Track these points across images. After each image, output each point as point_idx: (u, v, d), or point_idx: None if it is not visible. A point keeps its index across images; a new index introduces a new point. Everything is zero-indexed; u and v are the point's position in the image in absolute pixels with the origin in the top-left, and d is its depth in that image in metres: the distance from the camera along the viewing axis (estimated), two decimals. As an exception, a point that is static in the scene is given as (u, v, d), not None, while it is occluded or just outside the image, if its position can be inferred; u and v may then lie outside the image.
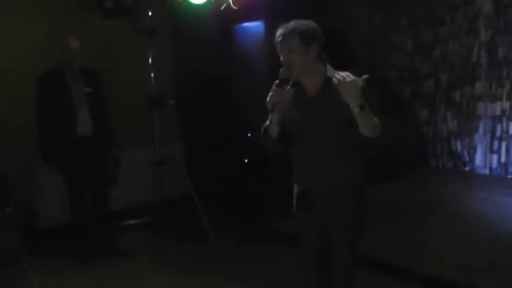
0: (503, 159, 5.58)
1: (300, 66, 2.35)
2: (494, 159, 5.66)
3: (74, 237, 4.33)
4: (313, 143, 2.40)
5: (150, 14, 4.80)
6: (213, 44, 5.30)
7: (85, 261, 4.23)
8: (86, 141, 4.10)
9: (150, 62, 4.86)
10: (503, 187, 5.22)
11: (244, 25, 5.30)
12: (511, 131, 5.48)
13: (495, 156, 5.65)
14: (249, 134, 5.15)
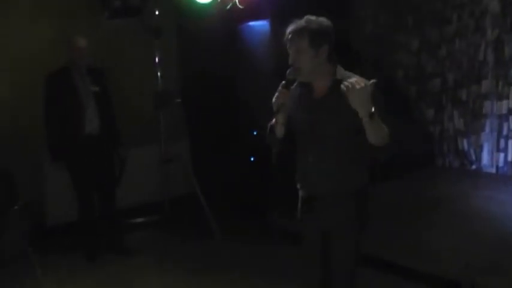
0: (509, 158, 5.57)
1: (309, 68, 2.27)
2: (501, 158, 5.65)
3: (81, 235, 4.36)
4: (317, 145, 2.33)
5: (156, 13, 4.82)
6: (219, 43, 5.32)
7: (91, 259, 4.26)
8: (93, 140, 4.13)
9: (157, 61, 4.88)
10: (509, 186, 5.20)
11: (250, 24, 5.32)
12: (518, 130, 5.47)
13: (502, 154, 5.64)
14: (254, 133, 5.17)
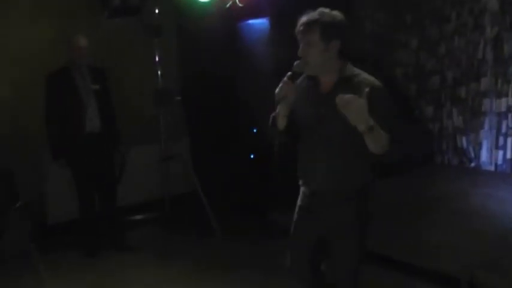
0: (508, 155, 5.59)
1: (317, 62, 2.22)
2: (500, 156, 5.66)
3: (81, 233, 4.38)
4: (321, 140, 2.28)
5: (156, 12, 4.82)
6: (219, 42, 5.33)
7: (92, 256, 4.29)
8: (94, 138, 4.14)
9: (157, 60, 4.89)
10: (508, 183, 5.22)
11: (250, 22, 5.33)
12: (517, 127, 5.49)
13: (500, 152, 5.66)
14: (254, 131, 5.18)
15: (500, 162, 5.66)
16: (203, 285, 3.76)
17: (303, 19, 2.21)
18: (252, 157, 5.40)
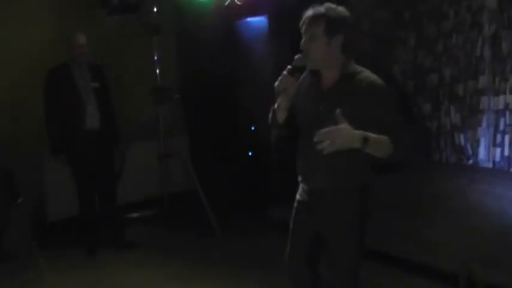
0: (506, 153, 5.60)
1: (319, 56, 2.20)
2: (497, 153, 5.68)
3: (81, 230, 4.39)
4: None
5: (155, 10, 4.83)
6: (217, 40, 5.34)
7: (92, 253, 4.30)
8: (93, 136, 4.16)
9: (156, 57, 4.90)
10: (506, 180, 5.23)
11: (248, 20, 5.34)
12: (514, 125, 5.51)
13: (498, 149, 5.67)
14: (252, 128, 5.20)
15: (498, 159, 5.68)
16: (203, 283, 3.77)
17: (309, 12, 2.20)
18: (250, 154, 5.42)
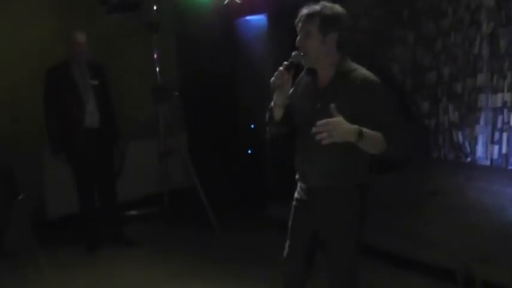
0: (504, 150, 5.61)
1: (315, 53, 2.23)
2: (495, 150, 5.69)
3: (81, 228, 4.41)
4: (315, 136, 2.15)
5: (154, 8, 4.84)
6: (217, 38, 5.35)
7: (92, 250, 4.32)
8: (93, 134, 4.18)
9: (156, 56, 4.91)
10: (504, 178, 5.24)
11: (247, 19, 5.34)
12: (512, 122, 5.53)
13: (496, 147, 5.68)
14: (252, 126, 5.21)
15: (495, 157, 5.69)
16: (203, 280, 3.80)
17: (304, 10, 2.24)
18: (249, 152, 5.43)
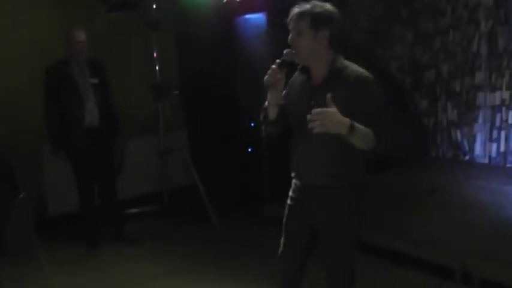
0: (502, 149, 5.65)
1: (307, 51, 2.25)
2: (494, 149, 5.72)
3: (81, 225, 4.43)
4: (311, 134, 2.13)
5: (154, 6, 4.85)
6: (216, 36, 5.35)
7: (92, 249, 4.34)
8: (93, 132, 4.18)
9: (155, 54, 4.92)
10: (502, 176, 5.28)
11: (246, 17, 5.35)
12: (510, 121, 5.54)
13: (494, 145, 5.71)
14: (252, 124, 5.22)
15: (494, 155, 5.72)
16: (203, 277, 3.80)
17: (295, 9, 2.27)
18: (249, 150, 5.45)
